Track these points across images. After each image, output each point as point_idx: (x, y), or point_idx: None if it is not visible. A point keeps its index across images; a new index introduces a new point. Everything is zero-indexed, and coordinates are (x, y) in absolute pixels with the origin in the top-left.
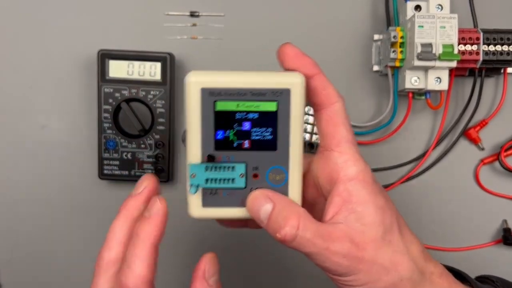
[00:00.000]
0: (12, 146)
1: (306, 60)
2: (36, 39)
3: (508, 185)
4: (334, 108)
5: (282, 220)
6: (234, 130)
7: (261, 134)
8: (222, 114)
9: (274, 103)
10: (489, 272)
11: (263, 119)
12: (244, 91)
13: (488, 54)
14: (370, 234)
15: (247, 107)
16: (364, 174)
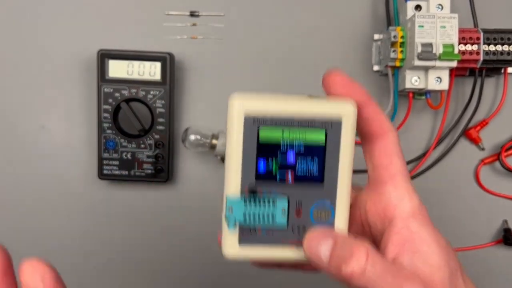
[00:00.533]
0: (12, 146)
1: (356, 88)
2: (36, 39)
3: (508, 185)
4: (388, 138)
5: (347, 253)
6: (278, 160)
7: (307, 166)
8: (265, 143)
9: (323, 133)
10: (489, 271)
11: (310, 150)
12: (291, 120)
13: (489, 54)
14: (438, 276)
15: (293, 137)
16: (421, 210)
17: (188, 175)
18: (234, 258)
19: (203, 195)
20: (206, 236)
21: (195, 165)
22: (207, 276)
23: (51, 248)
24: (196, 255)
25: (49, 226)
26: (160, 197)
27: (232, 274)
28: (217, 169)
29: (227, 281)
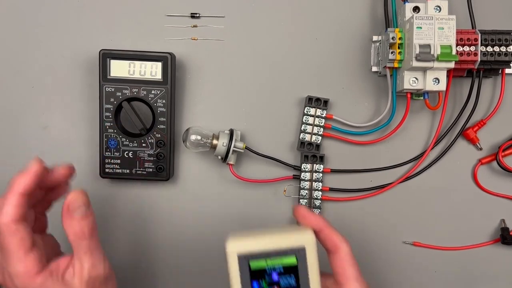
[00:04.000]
0: (14, 145)
1: (315, 218)
2: (38, 39)
3: (506, 185)
4: (340, 252)
5: None
6: (266, 280)
7: (288, 281)
8: (255, 270)
9: (294, 258)
10: (487, 271)
11: (287, 269)
12: (270, 252)
13: (486, 55)
14: None
15: (273, 263)
16: None
17: (189, 174)
18: None
19: (204, 194)
20: (207, 234)
21: (196, 164)
22: (208, 274)
23: None
24: (196, 254)
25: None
26: (161, 195)
27: None
28: (217, 169)
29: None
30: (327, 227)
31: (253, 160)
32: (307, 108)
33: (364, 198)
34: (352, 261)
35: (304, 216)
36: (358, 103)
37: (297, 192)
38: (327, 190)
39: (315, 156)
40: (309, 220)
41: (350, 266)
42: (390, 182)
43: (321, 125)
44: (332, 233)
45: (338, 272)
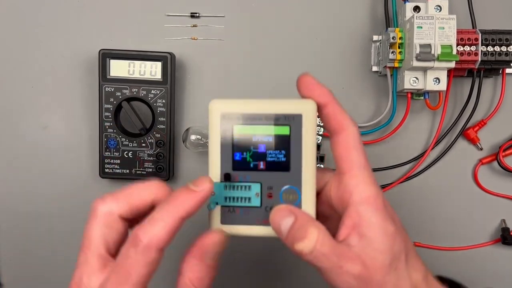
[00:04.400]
0: (14, 145)
1: (320, 89)
2: (38, 39)
3: (506, 185)
4: (346, 134)
5: (302, 233)
6: (251, 152)
7: (276, 156)
8: (240, 137)
9: (287, 127)
10: (487, 271)
11: (278, 142)
12: (260, 116)
13: (487, 55)
14: (379, 260)
15: (262, 131)
16: (374, 199)
17: (189, 174)
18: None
19: None
20: None
21: (195, 164)
22: None
23: (52, 246)
24: None
25: (51, 225)
26: None
27: (231, 271)
28: None
29: (227, 278)
30: (334, 102)
31: None
32: None
33: None
34: (359, 145)
35: (308, 86)
36: (359, 103)
37: None
38: None
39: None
40: (312, 90)
41: (355, 149)
42: (391, 182)
43: (321, 125)
44: (339, 110)
45: (340, 156)
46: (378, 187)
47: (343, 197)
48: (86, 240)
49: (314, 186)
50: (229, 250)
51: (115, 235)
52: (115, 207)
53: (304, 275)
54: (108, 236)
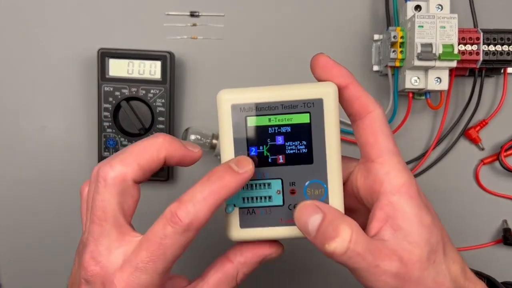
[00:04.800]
0: (12, 145)
1: (338, 69)
2: (36, 38)
3: (508, 185)
4: (372, 116)
5: (332, 231)
6: (268, 145)
7: (296, 147)
8: (254, 130)
9: (307, 114)
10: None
11: (297, 132)
12: (275, 105)
13: (488, 54)
14: (416, 254)
15: (279, 121)
16: (408, 187)
17: (188, 175)
18: (238, 240)
19: None
20: (206, 234)
21: (195, 164)
22: None
23: (51, 247)
24: (195, 254)
25: (50, 225)
26: (160, 196)
27: None
28: None
29: None
30: (355, 83)
31: None
32: None
33: None
34: (386, 129)
35: (324, 66)
36: None
37: None
38: None
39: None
40: (330, 71)
41: (383, 134)
42: None
43: None
44: (362, 92)
45: (367, 142)
46: (410, 173)
47: (373, 187)
48: (100, 211)
49: (341, 178)
50: None
51: (131, 202)
52: (127, 171)
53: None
54: (124, 204)
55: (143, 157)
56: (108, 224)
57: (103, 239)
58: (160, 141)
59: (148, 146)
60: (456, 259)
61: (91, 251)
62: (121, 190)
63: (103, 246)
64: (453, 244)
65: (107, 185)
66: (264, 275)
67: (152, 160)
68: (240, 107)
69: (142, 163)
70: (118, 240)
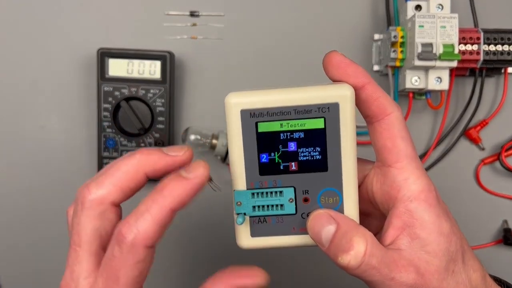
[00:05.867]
0: (11, 145)
1: (354, 68)
2: (36, 38)
3: (508, 185)
4: (390, 119)
5: (346, 243)
6: (280, 152)
7: (309, 154)
8: (265, 136)
9: (321, 119)
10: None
11: (310, 138)
12: (287, 109)
13: (489, 54)
14: (434, 264)
15: (291, 126)
16: (426, 193)
17: None
18: (248, 248)
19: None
20: (206, 234)
21: None
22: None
23: (51, 247)
24: (195, 254)
25: (49, 225)
26: None
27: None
28: (217, 169)
29: None
30: (372, 83)
31: None
32: None
33: None
34: (405, 132)
35: (339, 65)
36: None
37: None
38: None
39: None
40: (345, 71)
41: (401, 138)
42: None
43: None
44: (380, 92)
45: (385, 146)
46: (429, 180)
47: (390, 193)
48: (76, 236)
49: (357, 186)
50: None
51: (109, 227)
52: (104, 194)
53: None
54: (101, 229)
55: (120, 178)
56: (82, 250)
57: (75, 266)
58: (136, 158)
59: (123, 166)
60: (476, 267)
61: (64, 277)
62: (98, 213)
63: (74, 274)
64: (472, 251)
65: (83, 209)
66: None
67: (131, 179)
68: (250, 112)
69: (120, 184)
70: (88, 269)
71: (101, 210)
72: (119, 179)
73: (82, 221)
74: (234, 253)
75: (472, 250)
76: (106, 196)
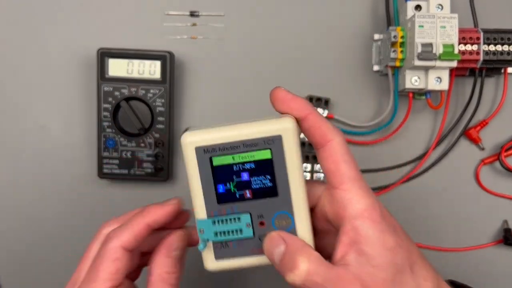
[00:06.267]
0: (11, 145)
1: (296, 102)
2: (36, 37)
3: (508, 185)
4: (332, 145)
5: (292, 263)
6: (234, 182)
7: (261, 182)
8: (220, 169)
9: (268, 151)
10: (489, 272)
11: (260, 168)
12: (237, 144)
13: (489, 54)
14: (380, 276)
15: (242, 158)
16: (370, 211)
17: None
18: (213, 271)
19: None
20: None
21: None
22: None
23: (51, 248)
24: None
25: (49, 225)
26: (160, 196)
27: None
28: None
29: (227, 276)
30: (314, 114)
31: None
32: None
33: None
34: (347, 156)
35: (283, 100)
36: (359, 103)
37: None
38: None
39: (316, 157)
40: (288, 105)
41: (343, 161)
42: (392, 182)
43: None
44: (321, 121)
45: (329, 170)
46: (373, 198)
47: (338, 212)
48: (93, 273)
49: (307, 207)
50: None
51: (123, 269)
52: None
53: None
54: (115, 271)
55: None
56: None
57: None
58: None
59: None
60: (427, 276)
61: None
62: (115, 257)
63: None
64: (426, 261)
65: (105, 252)
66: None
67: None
68: (204, 149)
69: (137, 235)
70: None
71: (120, 254)
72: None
73: (101, 262)
74: None
75: (425, 260)
76: (126, 245)
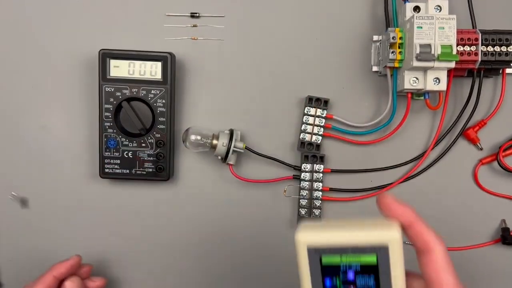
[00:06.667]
0: (13, 145)
1: (402, 209)
2: (38, 39)
3: (506, 185)
4: (434, 255)
5: None
6: (340, 279)
7: (365, 281)
8: (328, 266)
9: (374, 256)
10: (487, 271)
11: (366, 269)
12: (346, 247)
13: (487, 55)
14: None
15: (349, 260)
16: None
17: (189, 174)
18: None
19: (204, 194)
20: (206, 234)
21: (195, 164)
22: (207, 273)
23: (51, 247)
24: (196, 254)
25: (50, 224)
26: (161, 195)
27: (231, 270)
28: (217, 169)
29: (227, 276)
30: (418, 222)
31: (253, 160)
32: (307, 108)
33: (364, 198)
34: (448, 266)
35: (389, 207)
36: (359, 103)
37: (297, 193)
38: (327, 190)
39: (315, 156)
40: (395, 212)
41: (445, 271)
42: (391, 182)
43: (322, 125)
44: (424, 230)
45: (430, 277)
46: None
47: None
48: None
49: None
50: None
51: None
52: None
53: None
54: None
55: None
56: None
57: None
58: (54, 268)
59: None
60: None
61: None
62: None
63: None
64: None
65: None
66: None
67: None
68: (315, 249)
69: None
70: None
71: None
72: (48, 281)
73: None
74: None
75: None
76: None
